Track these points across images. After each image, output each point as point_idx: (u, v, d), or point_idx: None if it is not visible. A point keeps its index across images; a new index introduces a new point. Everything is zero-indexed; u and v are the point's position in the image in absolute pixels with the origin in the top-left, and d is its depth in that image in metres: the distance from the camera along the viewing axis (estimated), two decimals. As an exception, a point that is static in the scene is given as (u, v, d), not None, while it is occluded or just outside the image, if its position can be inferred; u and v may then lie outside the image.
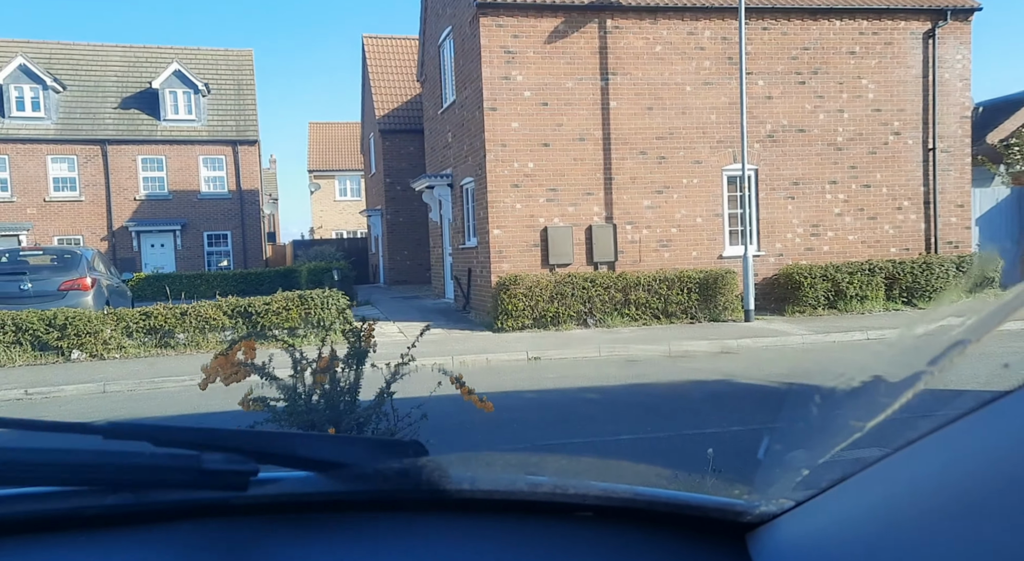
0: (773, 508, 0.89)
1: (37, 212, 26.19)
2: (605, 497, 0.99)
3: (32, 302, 11.25)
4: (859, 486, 0.75)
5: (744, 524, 0.92)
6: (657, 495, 1.02)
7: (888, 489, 0.70)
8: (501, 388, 7.79)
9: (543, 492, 1.02)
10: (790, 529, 0.85)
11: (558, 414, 6.48)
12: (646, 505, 0.99)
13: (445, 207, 16.64)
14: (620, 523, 0.98)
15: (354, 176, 41.89)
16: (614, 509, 0.99)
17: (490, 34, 12.66)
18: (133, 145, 27.23)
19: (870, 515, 0.71)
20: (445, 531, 0.99)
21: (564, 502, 1.00)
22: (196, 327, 11.23)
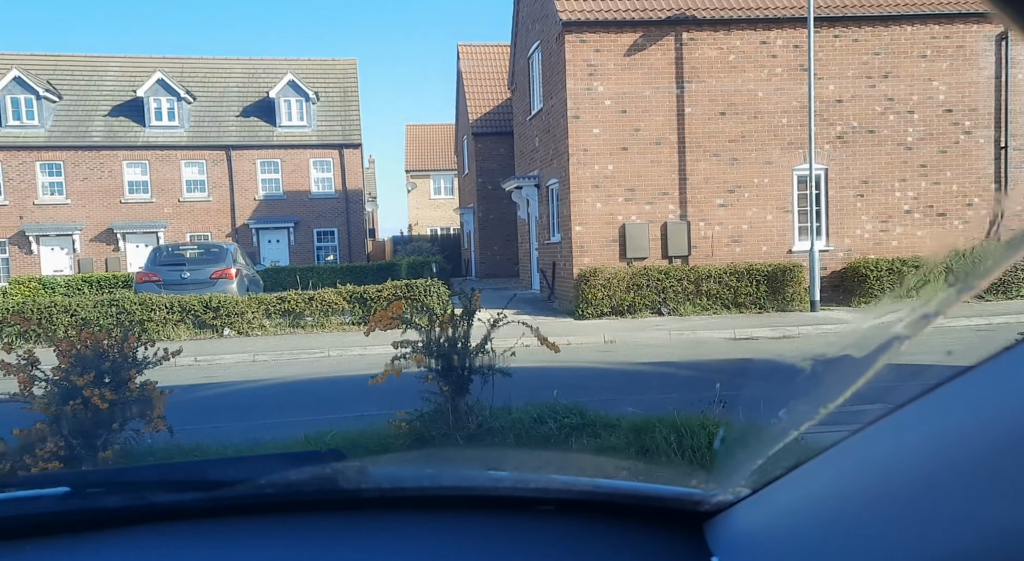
0: (729, 497, 0.90)
1: (172, 211, 29.38)
2: (566, 490, 1.01)
3: (190, 288, 13.50)
4: (812, 473, 0.76)
5: (702, 513, 0.93)
6: (617, 487, 1.05)
7: (839, 475, 0.71)
8: (577, 363, 9.21)
9: (505, 487, 1.04)
10: (746, 517, 0.86)
11: (622, 380, 7.85)
12: (606, 497, 1.00)
13: (532, 206, 18.14)
14: (581, 515, 0.99)
15: (447, 175, 44.06)
16: (575, 502, 1.00)
17: (574, 49, 14.04)
18: (253, 150, 30.07)
19: (822, 501, 0.72)
20: (407, 528, 0.99)
21: (526, 496, 1.01)
22: (321, 310, 13.19)
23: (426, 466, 1.35)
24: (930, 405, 0.62)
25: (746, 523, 0.86)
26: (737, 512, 0.88)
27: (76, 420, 3.97)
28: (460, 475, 1.19)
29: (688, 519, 0.94)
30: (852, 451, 0.71)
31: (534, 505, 1.00)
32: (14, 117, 27.78)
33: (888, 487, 0.62)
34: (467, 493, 1.06)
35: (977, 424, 0.55)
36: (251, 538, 0.98)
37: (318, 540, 0.96)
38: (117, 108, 29.41)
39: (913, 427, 0.63)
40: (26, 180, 27.91)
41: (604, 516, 0.98)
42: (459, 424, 4.37)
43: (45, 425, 3.95)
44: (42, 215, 28.05)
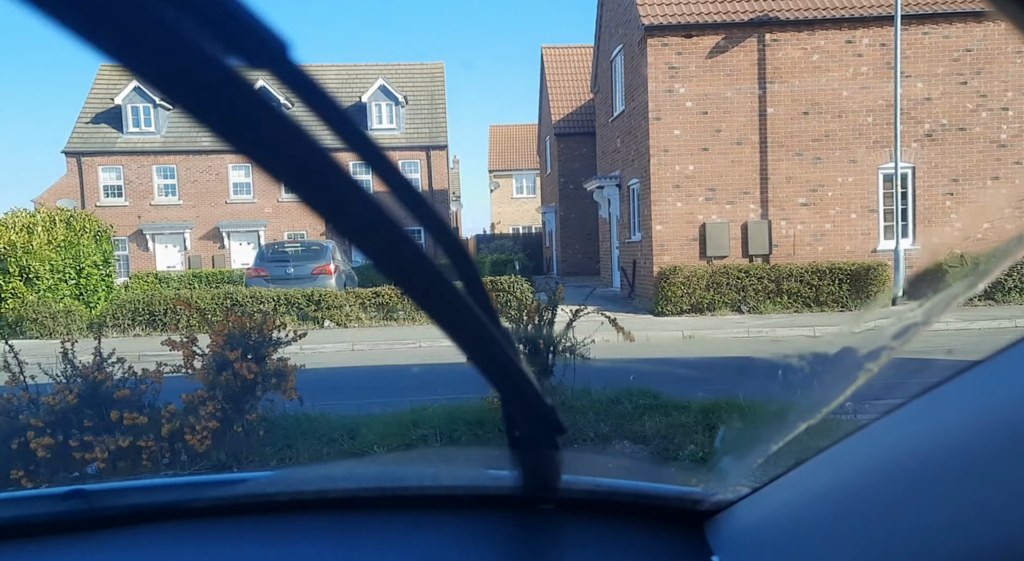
0: (730, 495, 0.91)
1: (272, 211, 31.23)
2: (566, 489, 1.00)
3: (294, 283, 14.64)
4: (812, 471, 0.76)
5: (702, 512, 0.94)
6: (617, 486, 1.06)
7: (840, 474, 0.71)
8: (654, 356, 9.65)
9: (506, 486, 1.03)
10: (746, 516, 0.86)
11: (697, 371, 8.26)
12: (606, 496, 1.01)
13: (613, 205, 18.55)
14: (581, 514, 0.99)
15: (530, 175, 44.76)
16: (575, 501, 1.01)
17: (656, 53, 14.39)
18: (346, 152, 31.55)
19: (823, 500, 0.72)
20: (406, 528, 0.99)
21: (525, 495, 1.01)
22: (412, 305, 14.06)
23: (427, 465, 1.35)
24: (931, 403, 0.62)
25: (747, 522, 0.86)
26: (738, 511, 0.89)
27: (228, 388, 4.78)
28: (460, 474, 1.21)
29: (688, 518, 0.95)
30: (853, 450, 0.71)
31: (534, 504, 1.00)
32: (134, 124, 30.20)
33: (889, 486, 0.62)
34: (467, 492, 1.06)
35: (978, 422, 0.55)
36: (251, 538, 0.99)
37: (319, 540, 0.97)
38: (223, 115, 31.47)
39: (914, 425, 0.63)
40: (144, 183, 30.29)
41: (604, 515, 0.99)
42: (545, 401, 4.94)
43: (204, 392, 4.77)
44: (157, 215, 30.37)
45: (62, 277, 14.68)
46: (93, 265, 15.74)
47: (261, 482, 1.08)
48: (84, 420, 4.49)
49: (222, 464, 4.64)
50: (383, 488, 1.07)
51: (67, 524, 0.99)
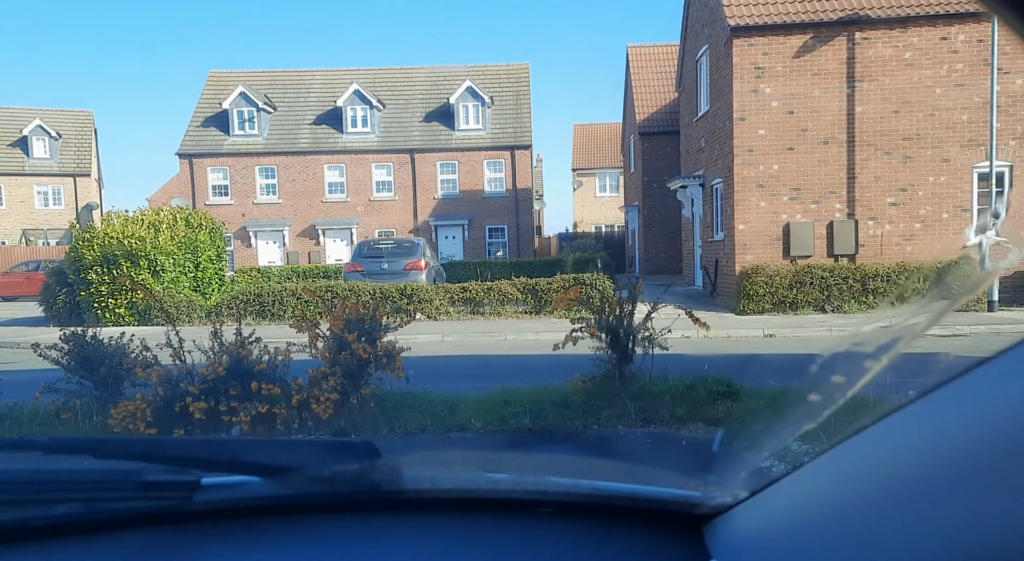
0: (728, 499, 0.92)
1: (364, 209, 32.67)
2: (564, 492, 1.02)
3: (387, 277, 15.57)
4: (810, 475, 0.78)
5: (701, 515, 0.95)
6: (615, 489, 1.06)
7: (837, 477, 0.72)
8: (733, 352, 9.93)
9: (503, 489, 1.05)
10: (745, 519, 0.87)
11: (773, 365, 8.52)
12: (605, 499, 1.01)
13: (696, 205, 18.69)
14: (580, 518, 0.99)
15: (613, 173, 44.87)
16: (574, 504, 1.01)
17: (742, 53, 14.52)
18: (433, 153, 32.68)
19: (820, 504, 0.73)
20: (404, 530, 1.00)
21: (524, 498, 1.02)
22: (497, 300, 14.72)
23: (425, 468, 1.36)
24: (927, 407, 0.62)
25: (744, 526, 0.86)
26: (735, 515, 0.89)
27: (346, 365, 5.49)
28: (458, 477, 1.21)
29: (687, 522, 0.95)
30: (850, 454, 0.71)
31: (533, 507, 1.01)
32: (239, 127, 32.21)
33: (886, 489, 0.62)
34: (465, 495, 1.06)
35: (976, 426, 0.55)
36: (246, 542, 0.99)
37: (315, 543, 0.97)
38: (320, 117, 33.15)
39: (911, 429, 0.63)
40: (247, 183, 32.27)
41: (603, 519, 0.99)
42: (624, 386, 5.45)
43: (326, 368, 5.50)
44: (259, 213, 32.28)
45: (182, 270, 16.08)
46: (208, 259, 17.13)
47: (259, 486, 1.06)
48: (230, 389, 5.29)
49: (342, 430, 5.35)
50: (380, 491, 1.07)
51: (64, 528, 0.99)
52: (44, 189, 37.99)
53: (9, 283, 26.29)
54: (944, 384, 0.62)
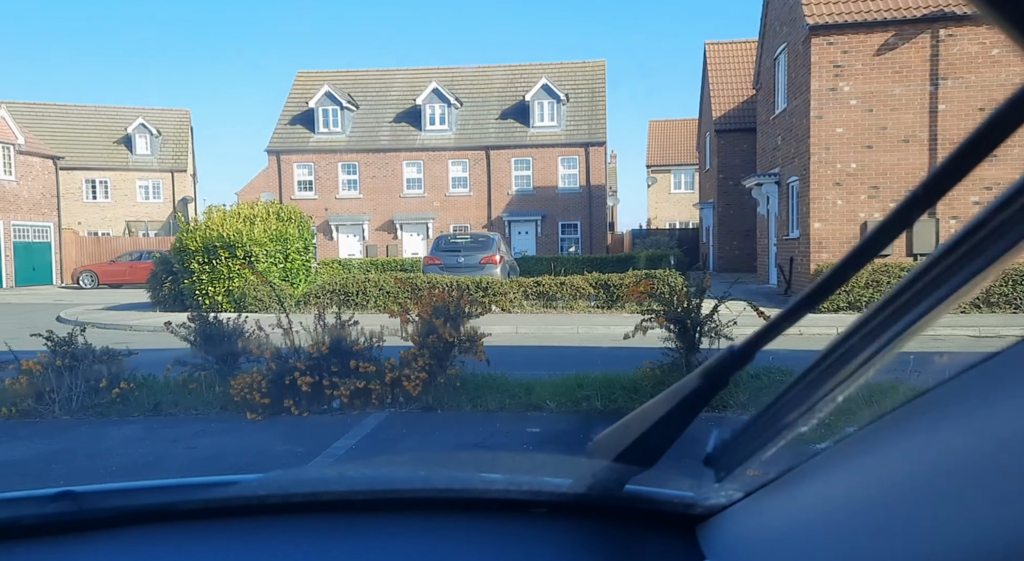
0: (722, 500, 0.92)
1: (440, 205, 33.60)
2: (559, 492, 1.01)
3: (464, 271, 16.22)
4: (805, 476, 0.77)
5: (694, 516, 0.95)
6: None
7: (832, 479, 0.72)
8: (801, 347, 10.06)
9: (497, 489, 1.05)
10: (739, 520, 0.87)
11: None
12: (599, 499, 1.00)
13: (772, 202, 18.61)
14: (574, 518, 1.00)
15: (688, 171, 44.52)
16: (568, 504, 1.01)
17: (820, 52, 14.46)
18: (508, 150, 33.29)
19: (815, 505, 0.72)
20: (399, 530, 1.00)
21: (518, 499, 1.03)
22: (570, 294, 15.16)
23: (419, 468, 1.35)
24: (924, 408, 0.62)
25: (739, 526, 0.86)
26: (730, 515, 0.89)
27: (434, 347, 6.06)
28: (453, 477, 1.21)
29: (681, 522, 0.95)
30: (846, 454, 0.71)
31: (527, 507, 1.01)
32: (323, 125, 33.63)
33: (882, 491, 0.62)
34: (460, 495, 1.07)
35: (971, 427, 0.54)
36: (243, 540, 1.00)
37: (311, 542, 0.98)
38: (400, 115, 34.25)
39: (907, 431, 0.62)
40: (331, 178, 33.67)
41: (597, 519, 0.99)
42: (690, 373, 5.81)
43: (415, 350, 6.09)
44: (340, 207, 33.63)
45: (273, 261, 17.15)
46: (296, 251, 18.18)
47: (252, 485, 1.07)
48: (332, 366, 5.94)
49: (429, 406, 5.92)
50: (375, 491, 1.08)
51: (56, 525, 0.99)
52: (145, 183, 40.55)
53: (115, 272, 28.32)
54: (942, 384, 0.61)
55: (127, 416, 5.85)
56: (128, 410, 5.91)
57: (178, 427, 5.56)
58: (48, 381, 5.86)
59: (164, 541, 1.00)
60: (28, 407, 5.83)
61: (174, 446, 5.08)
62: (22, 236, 30.10)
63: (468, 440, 5.12)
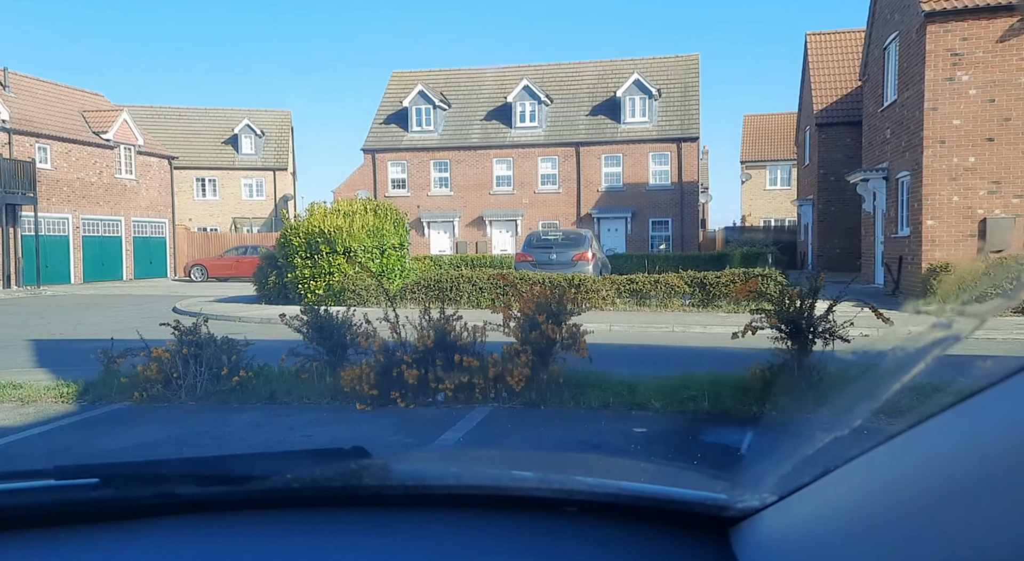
0: (755, 502, 0.90)
1: (528, 202, 33.73)
2: (590, 492, 1.02)
3: (556, 268, 16.23)
4: (841, 480, 0.76)
5: (727, 518, 0.94)
6: (641, 490, 1.06)
7: (869, 483, 0.71)
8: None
9: (527, 487, 1.06)
10: (772, 523, 0.86)
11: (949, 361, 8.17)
12: (630, 500, 1.01)
13: (879, 199, 17.72)
14: (605, 518, 0.99)
15: (784, 166, 42.99)
16: (599, 504, 1.01)
17: (936, 40, 13.65)
18: (598, 146, 33.05)
19: (851, 509, 0.71)
20: (430, 526, 1.00)
21: (549, 497, 1.02)
22: (664, 292, 14.92)
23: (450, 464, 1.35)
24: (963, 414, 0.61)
25: (772, 530, 0.85)
26: (763, 519, 0.88)
27: (536, 344, 6.09)
28: (484, 474, 1.21)
29: (713, 524, 0.95)
30: (882, 460, 0.70)
31: (557, 506, 1.01)
32: (416, 124, 34.36)
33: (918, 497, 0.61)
34: (490, 492, 1.06)
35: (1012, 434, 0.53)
36: (277, 532, 1.00)
37: (342, 535, 0.99)
38: (490, 113, 34.57)
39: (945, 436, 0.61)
40: (423, 176, 34.37)
41: (628, 519, 0.99)
42: (802, 375, 5.62)
43: (518, 345, 6.14)
44: (432, 204, 34.28)
45: (370, 257, 17.67)
46: (392, 247, 18.66)
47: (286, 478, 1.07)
48: (436, 359, 6.07)
49: (532, 402, 5.96)
50: (407, 486, 1.08)
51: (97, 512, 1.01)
52: (249, 182, 42.57)
53: (222, 266, 29.87)
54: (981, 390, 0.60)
55: (246, 403, 6.16)
56: (247, 397, 6.23)
57: (293, 415, 5.82)
58: (175, 368, 6.25)
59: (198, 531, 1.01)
60: (157, 392, 6.23)
61: (291, 434, 5.31)
62: (140, 232, 32.19)
63: (574, 437, 5.12)
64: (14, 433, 5.27)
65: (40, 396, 6.36)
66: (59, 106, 29.78)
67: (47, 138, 27.52)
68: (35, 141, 27.04)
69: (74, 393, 6.37)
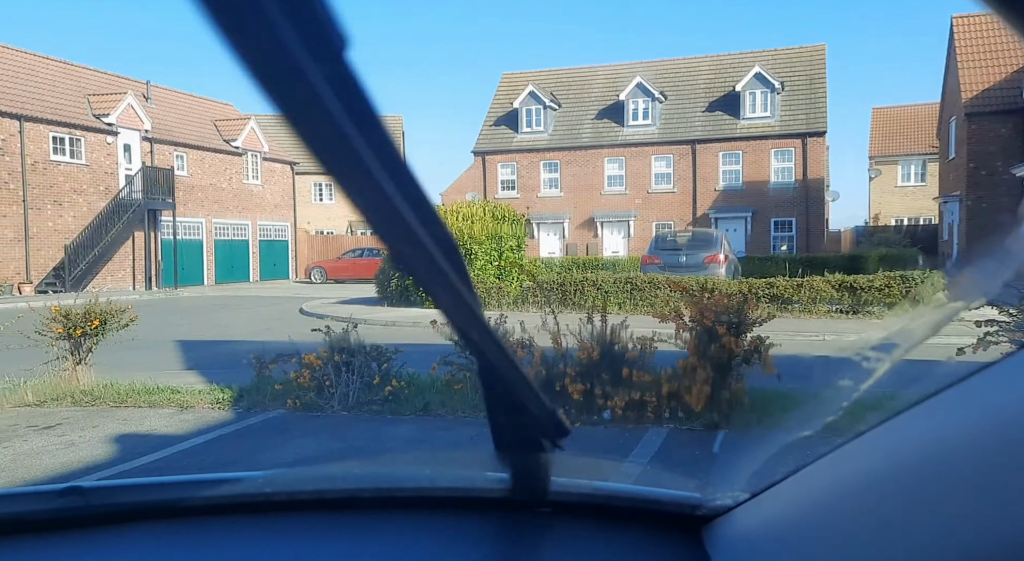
0: (728, 501, 0.91)
1: (641, 202, 32.79)
2: (563, 492, 1.00)
3: (685, 270, 15.39)
4: (811, 477, 0.77)
5: (700, 517, 0.94)
6: (615, 490, 1.05)
7: (838, 480, 0.71)
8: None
9: (502, 488, 1.03)
10: (744, 521, 0.87)
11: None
12: (604, 500, 1.01)
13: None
14: (579, 518, 0.99)
15: (918, 161, 39.99)
16: (573, 504, 1.01)
17: None
18: (716, 143, 31.71)
19: (821, 506, 0.72)
20: (403, 528, 0.99)
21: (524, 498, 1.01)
22: (809, 297, 13.82)
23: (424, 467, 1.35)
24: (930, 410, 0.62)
25: (744, 527, 0.86)
26: (735, 516, 0.89)
27: (716, 358, 5.45)
28: (458, 476, 1.21)
29: (686, 523, 0.95)
30: (852, 456, 0.71)
31: (531, 507, 1.00)
32: (526, 125, 34.10)
33: (887, 492, 0.62)
34: (464, 494, 1.06)
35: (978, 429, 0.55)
36: (248, 537, 1.00)
37: (315, 539, 0.98)
38: (602, 112, 33.87)
39: (913, 432, 0.62)
40: (532, 177, 34.07)
41: (602, 519, 0.99)
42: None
43: (694, 359, 5.52)
44: (542, 206, 33.91)
45: (489, 259, 17.43)
46: (509, 249, 18.36)
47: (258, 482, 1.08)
48: (603, 373, 5.54)
49: (713, 424, 5.33)
50: (380, 489, 1.07)
51: (63, 521, 0.99)
52: (363, 186, 43.65)
53: (341, 268, 30.60)
54: (947, 387, 0.61)
55: (399, 415, 5.85)
56: (399, 408, 5.91)
57: (451, 430, 5.44)
58: (328, 375, 6.02)
59: (169, 537, 1.00)
60: (310, 400, 6.02)
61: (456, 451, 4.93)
62: (265, 235, 33.54)
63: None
64: (178, 443, 5.15)
65: (196, 401, 6.29)
66: (194, 116, 31.42)
67: (184, 146, 29.06)
68: (173, 149, 28.60)
69: (229, 399, 6.26)
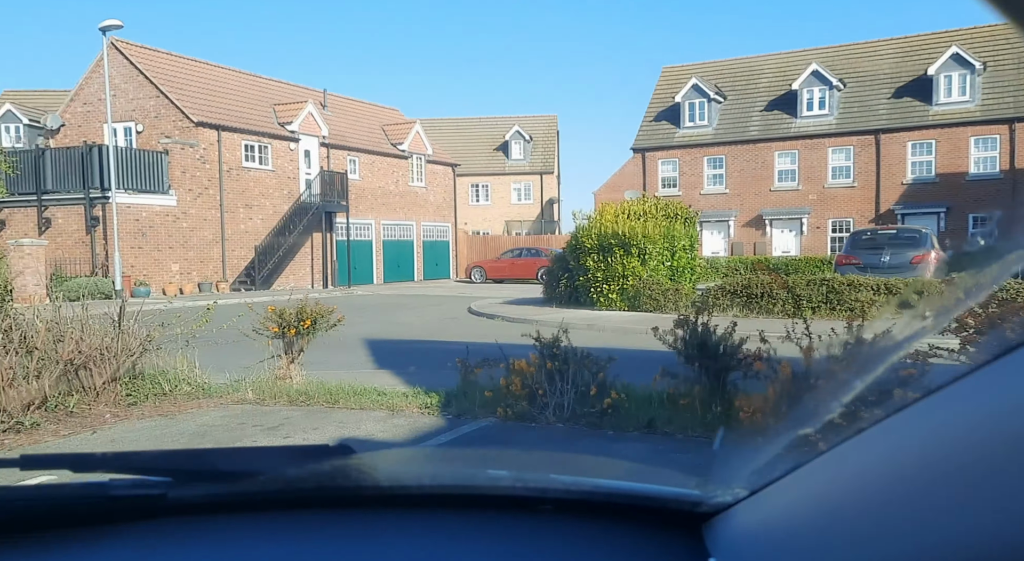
0: (728, 498, 0.90)
1: (816, 198, 30.49)
2: (565, 490, 1.01)
3: (888, 272, 13.83)
4: (811, 474, 0.76)
5: (700, 514, 0.93)
6: (616, 487, 1.05)
7: (838, 477, 0.71)
8: None
9: (503, 486, 1.04)
10: (744, 518, 0.86)
11: None
12: (605, 497, 1.00)
13: None
14: (580, 516, 0.99)
15: None
16: (574, 502, 1.00)
17: None
18: (904, 132, 28.86)
19: (821, 503, 0.72)
20: (406, 526, 0.98)
21: (524, 496, 1.01)
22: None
23: (426, 464, 1.34)
24: (930, 407, 0.62)
25: (744, 524, 0.85)
26: (735, 513, 0.88)
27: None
28: (459, 474, 1.20)
29: (686, 520, 0.94)
30: (851, 453, 0.70)
31: (533, 505, 0.99)
32: (689, 119, 32.77)
33: (886, 489, 0.61)
34: (466, 492, 1.05)
35: (978, 426, 0.54)
36: (250, 534, 0.98)
37: (316, 537, 0.96)
38: (772, 103, 31.87)
39: (913, 429, 0.62)
40: (695, 173, 32.69)
41: (602, 517, 0.98)
42: None
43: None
44: (705, 203, 32.40)
45: (661, 259, 16.62)
46: (683, 248, 17.44)
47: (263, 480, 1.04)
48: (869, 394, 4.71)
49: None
50: (380, 487, 1.06)
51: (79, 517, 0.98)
52: (518, 186, 44.03)
53: (499, 267, 30.82)
54: (946, 385, 0.61)
55: (621, 430, 5.32)
56: (621, 423, 5.39)
57: (688, 453, 4.82)
58: (540, 383, 5.62)
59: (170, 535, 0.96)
60: (522, 409, 5.64)
61: (701, 477, 4.35)
62: (428, 235, 34.57)
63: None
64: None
65: (404, 404, 6.12)
66: (364, 121, 32.91)
67: (356, 151, 30.48)
68: (347, 154, 30.07)
69: (436, 404, 6.03)
